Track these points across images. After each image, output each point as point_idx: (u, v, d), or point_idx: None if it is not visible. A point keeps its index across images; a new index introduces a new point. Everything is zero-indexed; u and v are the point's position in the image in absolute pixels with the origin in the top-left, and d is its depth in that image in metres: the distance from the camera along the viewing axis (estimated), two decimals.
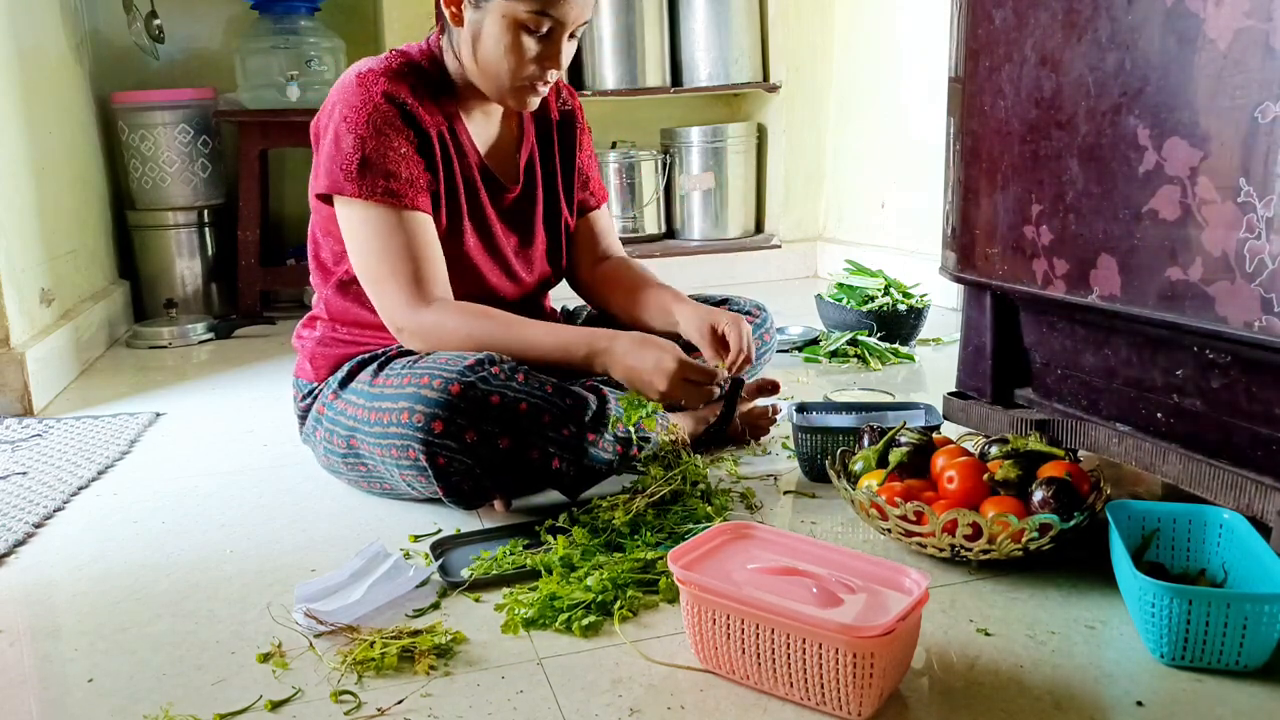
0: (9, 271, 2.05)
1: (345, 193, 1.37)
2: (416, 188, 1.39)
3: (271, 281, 3.00)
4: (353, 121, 1.37)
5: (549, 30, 1.36)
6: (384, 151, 1.36)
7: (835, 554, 1.01)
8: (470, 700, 0.95)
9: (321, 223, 1.49)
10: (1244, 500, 1.13)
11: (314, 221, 1.52)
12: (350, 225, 1.40)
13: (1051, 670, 0.98)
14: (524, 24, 1.34)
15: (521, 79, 1.39)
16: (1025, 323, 1.48)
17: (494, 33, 1.36)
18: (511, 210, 1.55)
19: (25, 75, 2.29)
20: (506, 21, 1.35)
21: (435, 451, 1.29)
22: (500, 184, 1.52)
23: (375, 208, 1.37)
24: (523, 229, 1.56)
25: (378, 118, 1.36)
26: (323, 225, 1.49)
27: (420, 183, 1.39)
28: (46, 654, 1.07)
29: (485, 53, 1.38)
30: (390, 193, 1.36)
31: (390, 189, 1.36)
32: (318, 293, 1.56)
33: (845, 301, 2.42)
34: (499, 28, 1.35)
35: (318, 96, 2.87)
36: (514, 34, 1.35)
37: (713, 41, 3.27)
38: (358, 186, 1.36)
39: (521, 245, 1.56)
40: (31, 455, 1.75)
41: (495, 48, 1.37)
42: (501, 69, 1.38)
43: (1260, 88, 1.02)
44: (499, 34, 1.36)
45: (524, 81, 1.40)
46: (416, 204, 1.38)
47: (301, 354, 1.56)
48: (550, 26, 1.35)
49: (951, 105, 1.48)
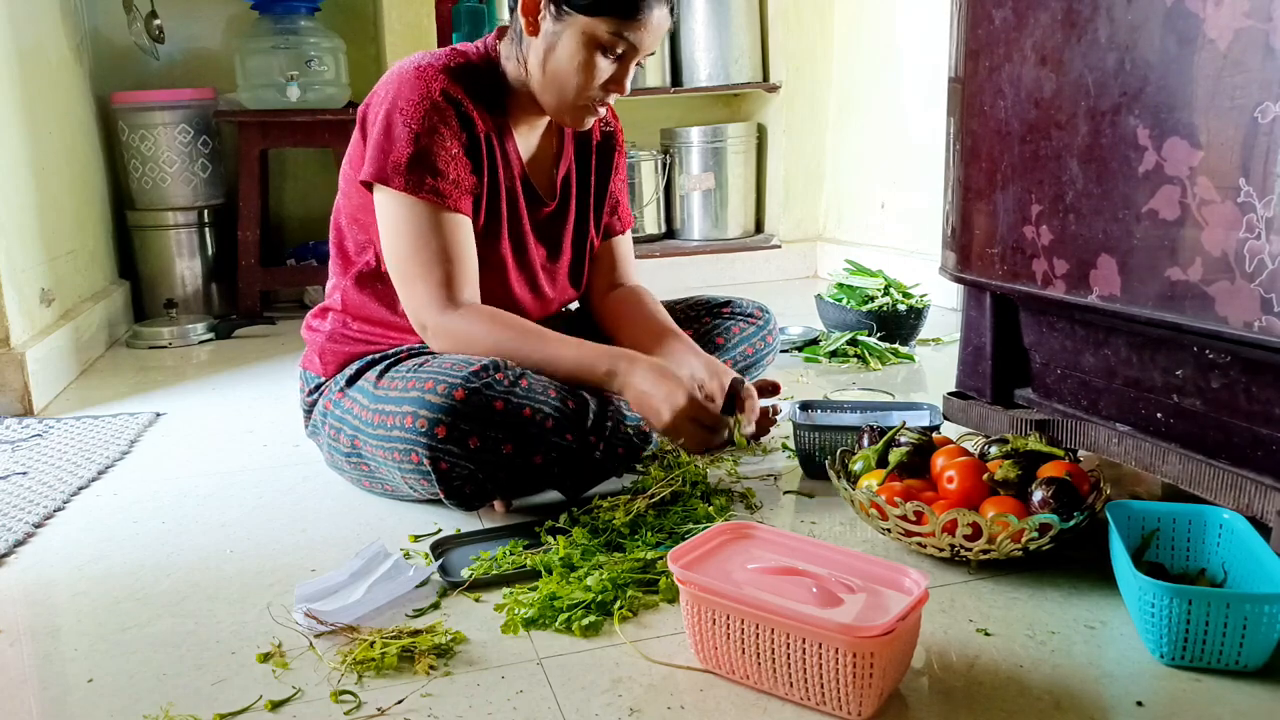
0: (9, 271, 2.05)
1: (392, 185, 1.36)
2: (462, 189, 1.38)
3: (271, 281, 3.00)
4: (408, 114, 1.36)
5: (622, 53, 1.36)
6: (436, 149, 1.36)
7: (835, 554, 1.01)
8: (470, 700, 0.95)
9: (351, 210, 1.48)
10: (1244, 500, 1.13)
11: (341, 207, 1.51)
12: (389, 217, 1.39)
13: (1051, 670, 0.98)
14: (601, 43, 1.35)
15: (585, 98, 1.40)
16: (1025, 323, 1.48)
17: (570, 48, 1.36)
18: (544, 225, 1.55)
19: (25, 75, 2.29)
20: (585, 38, 1.35)
21: (438, 456, 1.29)
22: (539, 197, 1.52)
23: (419, 204, 1.36)
24: (551, 244, 1.56)
25: (434, 114, 1.36)
26: (351, 213, 1.48)
27: (465, 185, 1.39)
28: (46, 654, 1.07)
29: (557, 67, 1.38)
30: (436, 191, 1.36)
31: (437, 188, 1.36)
32: (334, 281, 1.55)
33: (845, 301, 2.42)
34: (576, 43, 1.35)
35: (318, 96, 2.87)
36: (589, 52, 1.36)
37: (713, 41, 3.27)
38: (405, 180, 1.35)
39: (550, 259, 1.56)
40: (31, 455, 1.75)
41: (569, 63, 1.37)
42: (569, 85, 1.38)
43: (1260, 88, 1.02)
44: (575, 50, 1.36)
45: (587, 100, 1.40)
46: (459, 206, 1.38)
47: (310, 346, 1.55)
48: (624, 50, 1.36)
49: (951, 105, 1.48)
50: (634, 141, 3.39)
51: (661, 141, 3.45)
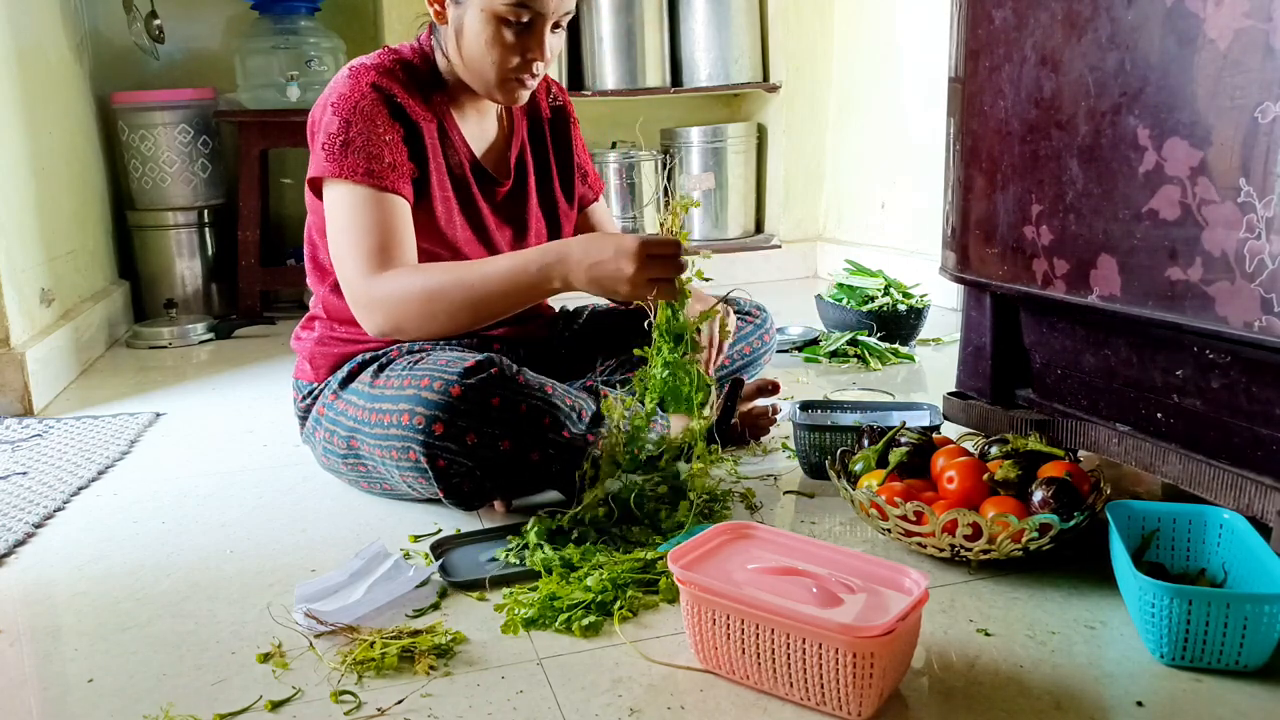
0: (9, 271, 2.05)
1: (327, 174, 1.37)
2: (399, 173, 1.38)
3: (271, 281, 3.00)
4: (339, 107, 1.38)
5: (530, 21, 1.36)
6: (368, 135, 1.36)
7: (835, 554, 1.01)
8: (470, 700, 0.95)
9: (318, 223, 1.49)
10: (1244, 500, 1.13)
11: (310, 222, 1.52)
12: (330, 208, 1.39)
13: (1051, 670, 0.98)
14: (503, 17, 1.35)
15: (506, 72, 1.39)
16: (1025, 323, 1.48)
17: (475, 28, 1.37)
18: (503, 205, 1.55)
19: (25, 75, 2.29)
20: (486, 15, 1.35)
21: (436, 453, 1.29)
22: (492, 179, 1.53)
23: (354, 187, 1.36)
24: (516, 223, 1.56)
25: (365, 104, 1.37)
26: (318, 225, 1.49)
27: (403, 170, 1.39)
28: (46, 654, 1.07)
29: (469, 48, 1.39)
30: (370, 173, 1.36)
31: (371, 169, 1.36)
32: (315, 293, 1.56)
33: (845, 301, 2.42)
34: (479, 22, 1.36)
35: (317, 96, 2.86)
36: (494, 27, 1.36)
37: (713, 41, 3.27)
38: (339, 166, 1.35)
39: (516, 239, 1.56)
40: (31, 455, 1.75)
41: (477, 42, 1.37)
42: (485, 63, 1.39)
43: (1260, 88, 1.02)
44: (480, 28, 1.36)
45: (509, 75, 1.40)
46: (396, 188, 1.37)
47: (301, 355, 1.56)
48: (530, 18, 1.35)
49: (951, 105, 1.48)
50: (634, 141, 3.39)
51: (661, 141, 3.45)
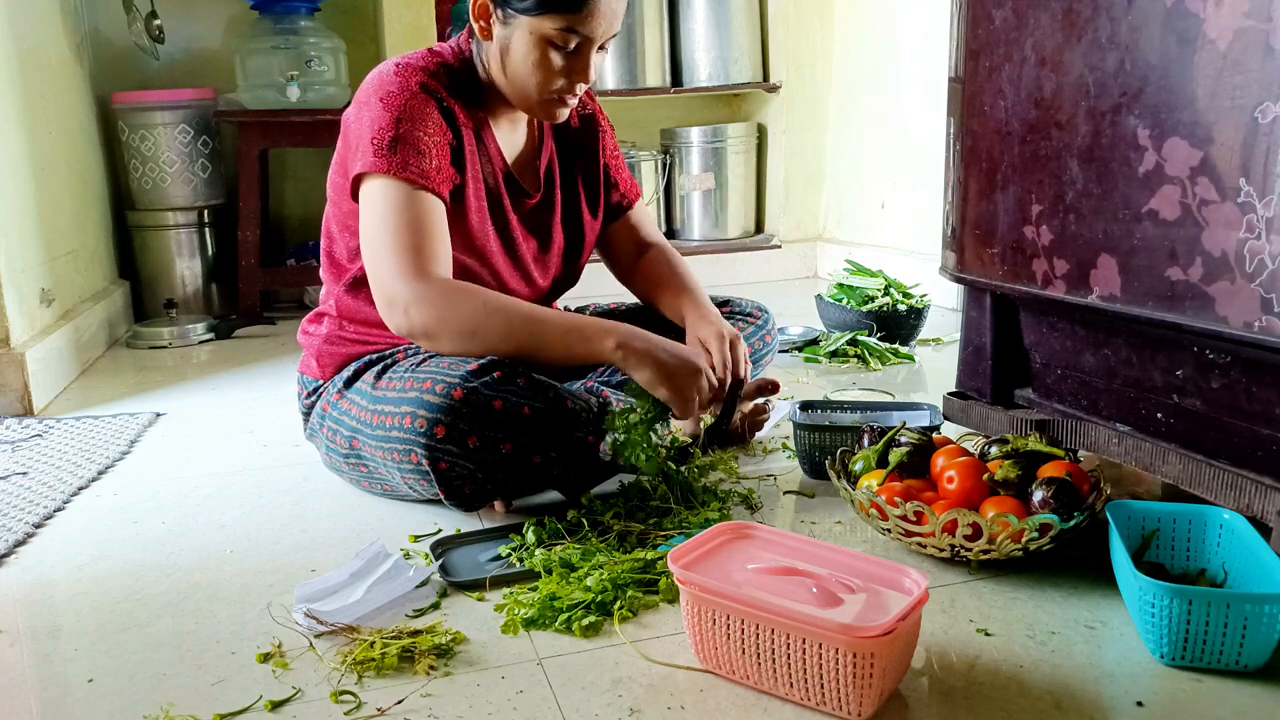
0: (9, 271, 2.05)
1: (374, 169, 1.33)
2: (442, 175, 1.37)
3: (271, 281, 3.00)
4: (389, 103, 1.35)
5: (577, 45, 1.35)
6: (417, 134, 1.35)
7: (835, 554, 1.01)
8: (470, 700, 0.95)
9: (340, 217, 1.47)
10: (1244, 500, 1.13)
11: (331, 215, 1.50)
12: (368, 203, 1.36)
13: (1051, 670, 0.98)
14: (552, 40, 1.33)
15: (549, 93, 1.39)
16: (1025, 323, 1.48)
17: (522, 49, 1.35)
18: (531, 216, 1.54)
19: (25, 75, 2.29)
20: (534, 38, 1.34)
21: (438, 456, 1.28)
22: (523, 190, 1.52)
23: (399, 184, 1.33)
24: (541, 235, 1.56)
25: (416, 104, 1.36)
26: (340, 219, 1.48)
27: (445, 174, 1.38)
28: (46, 654, 1.07)
29: (514, 67, 1.38)
30: (418, 171, 1.34)
31: (420, 167, 1.34)
32: (328, 289, 1.55)
33: (845, 302, 2.42)
34: (527, 44, 1.35)
35: (318, 96, 2.87)
36: (542, 50, 1.34)
37: (713, 41, 3.27)
38: (387, 162, 1.33)
39: (540, 250, 1.56)
40: (31, 455, 1.75)
41: (525, 64, 1.36)
42: (530, 84, 1.38)
43: (1260, 88, 1.02)
44: (527, 50, 1.35)
45: (552, 95, 1.39)
46: (439, 189, 1.36)
47: (307, 350, 1.55)
48: (578, 42, 1.34)
49: (951, 105, 1.48)
50: (634, 141, 3.39)
51: (661, 141, 3.45)
